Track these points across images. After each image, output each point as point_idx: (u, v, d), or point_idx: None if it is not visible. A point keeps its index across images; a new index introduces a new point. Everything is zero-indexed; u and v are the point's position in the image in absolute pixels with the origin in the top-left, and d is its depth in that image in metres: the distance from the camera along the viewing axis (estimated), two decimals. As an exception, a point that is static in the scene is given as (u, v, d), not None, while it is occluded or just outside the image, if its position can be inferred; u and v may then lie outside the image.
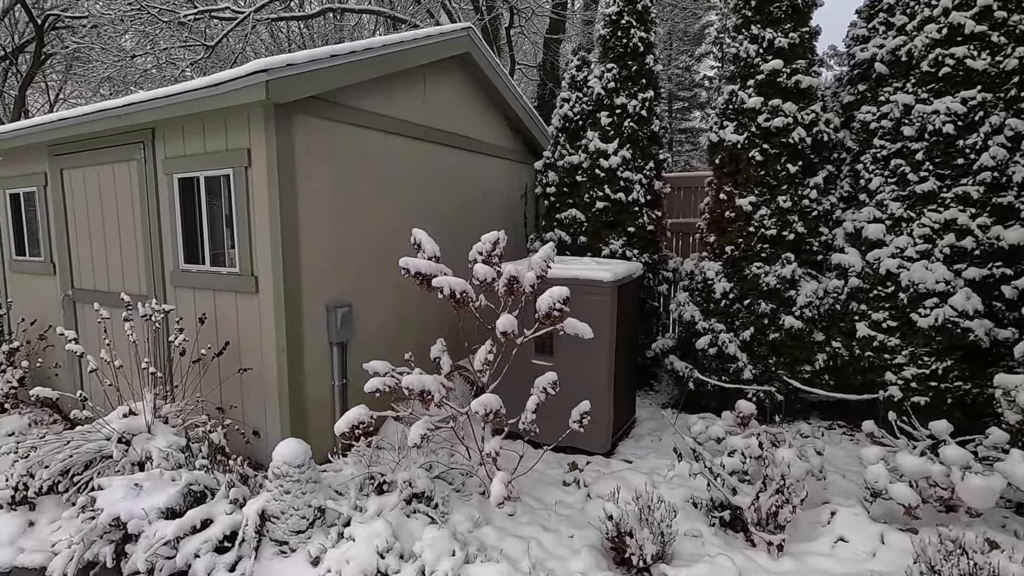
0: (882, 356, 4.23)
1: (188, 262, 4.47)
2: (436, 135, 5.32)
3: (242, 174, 4.00)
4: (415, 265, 3.29)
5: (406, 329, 5.13)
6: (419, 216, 5.16)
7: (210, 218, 4.34)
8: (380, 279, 4.77)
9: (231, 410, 4.32)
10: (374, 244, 4.68)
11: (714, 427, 3.90)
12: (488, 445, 3.11)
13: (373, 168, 4.63)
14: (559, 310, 3.09)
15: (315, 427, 4.25)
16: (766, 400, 4.82)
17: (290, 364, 4.00)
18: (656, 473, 3.86)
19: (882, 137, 4.36)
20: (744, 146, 4.72)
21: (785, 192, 4.62)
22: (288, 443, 3.10)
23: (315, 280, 4.16)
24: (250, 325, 4.17)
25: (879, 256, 4.21)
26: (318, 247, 4.17)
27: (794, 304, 4.63)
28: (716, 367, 4.92)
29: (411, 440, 3.03)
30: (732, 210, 4.84)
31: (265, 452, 4.24)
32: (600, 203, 5.62)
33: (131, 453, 3.61)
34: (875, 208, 4.34)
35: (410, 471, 3.33)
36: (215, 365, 4.33)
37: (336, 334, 4.29)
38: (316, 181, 4.13)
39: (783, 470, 3.10)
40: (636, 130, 5.59)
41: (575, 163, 5.82)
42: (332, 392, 4.40)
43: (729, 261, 4.90)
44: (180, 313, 4.48)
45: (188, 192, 4.41)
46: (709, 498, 3.34)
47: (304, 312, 4.09)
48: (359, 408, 3.17)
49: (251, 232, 4.04)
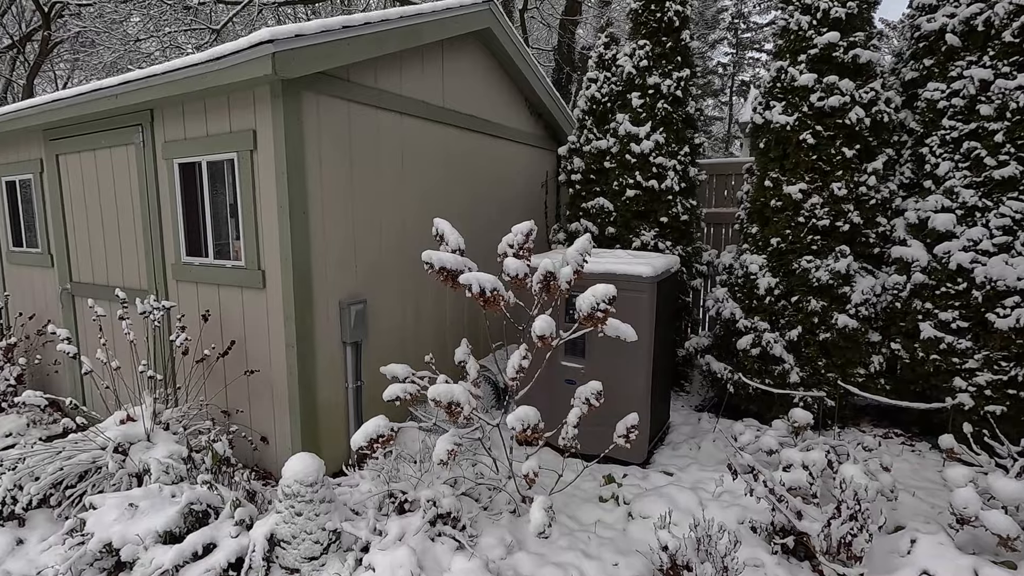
0: (950, 360, 3.83)
1: (190, 254, 4.14)
2: (453, 117, 4.95)
3: (247, 158, 3.65)
4: (440, 260, 2.93)
5: (422, 327, 4.79)
6: (436, 205, 4.80)
7: (213, 207, 4.00)
8: (395, 273, 4.42)
9: (237, 415, 4.01)
10: (388, 236, 4.33)
11: (766, 438, 3.54)
12: (526, 465, 2.76)
13: (387, 152, 4.27)
14: (603, 310, 2.73)
15: (327, 433, 3.93)
16: (814, 406, 4.44)
17: (301, 365, 3.67)
18: (701, 488, 3.50)
19: (952, 117, 3.93)
20: (794, 128, 4.30)
21: (840, 178, 4.21)
22: (300, 459, 2.77)
23: (327, 275, 3.82)
24: (257, 323, 3.84)
25: (949, 249, 3.80)
26: (330, 239, 3.82)
27: (848, 301, 4.23)
28: (759, 369, 4.54)
29: (437, 456, 2.69)
30: (779, 198, 4.43)
31: (273, 459, 3.93)
32: (631, 191, 5.23)
33: (128, 463, 3.30)
34: (943, 196, 3.92)
35: (434, 488, 2.99)
36: (219, 366, 4.02)
37: (350, 333, 3.95)
38: (327, 166, 3.77)
39: (859, 492, 2.73)
40: (670, 112, 5.17)
41: (603, 148, 5.42)
42: (345, 395, 4.07)
43: (775, 254, 4.50)
44: (182, 309, 4.16)
45: (190, 178, 4.07)
46: (770, 521, 2.98)
47: (315, 309, 3.76)
48: (378, 420, 2.83)
49: (257, 222, 3.70)
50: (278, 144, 3.48)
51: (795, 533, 2.90)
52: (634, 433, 2.84)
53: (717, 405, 4.94)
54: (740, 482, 3.52)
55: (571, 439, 2.83)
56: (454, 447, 2.72)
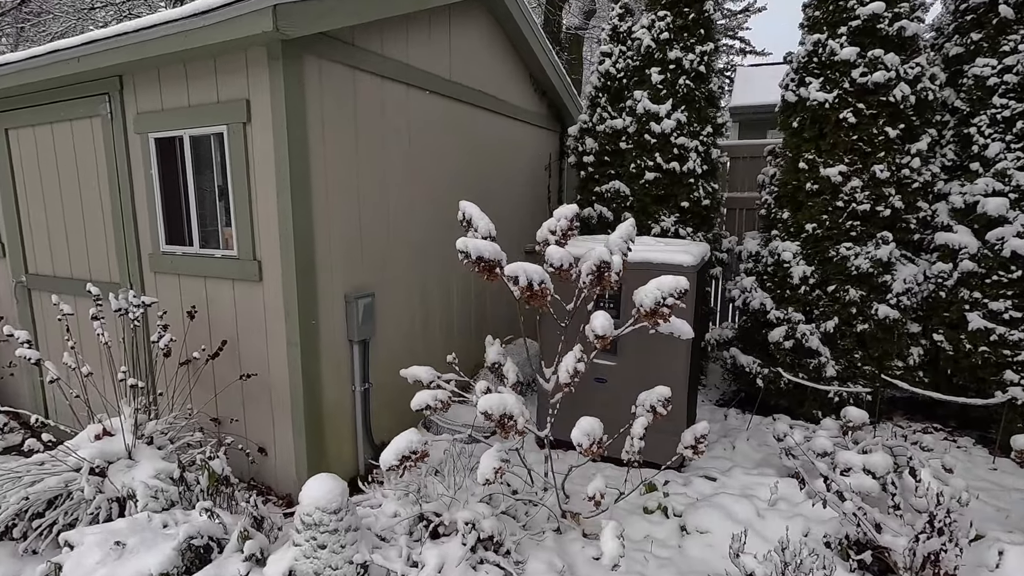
0: (1000, 352, 3.65)
1: (171, 243, 3.63)
2: (461, 92, 4.51)
3: (240, 132, 3.17)
4: (477, 248, 2.54)
5: (431, 321, 4.39)
6: (444, 188, 4.39)
7: (198, 188, 3.50)
8: (404, 262, 4.00)
9: (231, 424, 3.55)
10: (397, 220, 3.90)
11: (820, 439, 3.28)
12: (592, 486, 2.42)
13: (394, 128, 3.82)
14: (671, 305, 2.39)
15: (334, 442, 3.52)
16: (849, 400, 4.23)
17: (304, 367, 3.24)
18: (752, 495, 3.23)
19: (1004, 95, 3.71)
20: (833, 106, 4.02)
21: (882, 160, 3.96)
22: (320, 482, 2.36)
23: (332, 265, 3.38)
24: (252, 320, 3.38)
25: (1003, 235, 3.59)
26: (334, 225, 3.38)
27: (889, 291, 4.01)
28: (791, 363, 4.30)
29: (482, 475, 2.32)
30: (815, 181, 4.16)
31: (273, 473, 3.51)
32: (650, 174, 4.90)
33: (108, 487, 2.83)
34: (994, 179, 3.70)
35: (471, 507, 2.63)
36: (208, 369, 3.55)
37: (358, 330, 3.53)
38: (331, 142, 3.32)
39: (947, 502, 2.49)
40: (692, 89, 4.84)
41: (619, 128, 5.07)
42: (353, 399, 3.66)
43: (809, 241, 4.24)
44: (163, 305, 3.66)
45: (169, 155, 3.55)
46: (844, 535, 2.71)
47: (320, 304, 3.32)
48: (410, 434, 2.44)
49: (252, 206, 3.23)
50: (277, 115, 3.01)
51: (872, 547, 2.65)
52: (703, 443, 2.53)
53: (744, 401, 4.70)
54: (794, 488, 3.27)
55: (636, 452, 2.50)
56: (501, 464, 2.35)
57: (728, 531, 2.85)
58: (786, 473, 3.62)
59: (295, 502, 3.43)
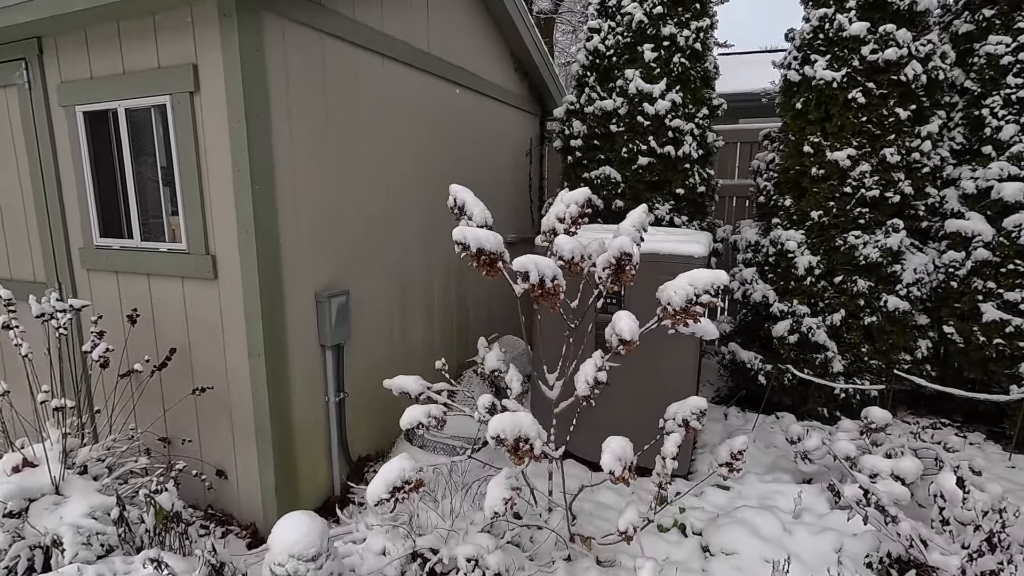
0: (1015, 344, 3.49)
1: (107, 235, 3.11)
2: (439, 67, 4.09)
3: (186, 103, 2.68)
4: (477, 239, 2.16)
5: (409, 321, 3.98)
6: (422, 171, 3.97)
7: (138, 171, 2.99)
8: (380, 256, 3.58)
9: (184, 445, 3.07)
10: (371, 207, 3.47)
11: (842, 443, 3.04)
12: (624, 519, 2.08)
13: (368, 104, 3.38)
14: (705, 303, 2.07)
15: (306, 461, 3.09)
16: (855, 396, 4.04)
17: (269, 378, 2.80)
18: (773, 506, 2.97)
19: (1019, 74, 3.53)
20: (841, 85, 3.77)
21: (892, 143, 3.74)
22: (294, 522, 1.95)
23: (300, 259, 2.94)
24: (207, 325, 2.91)
25: (1020, 222, 3.42)
26: (303, 213, 2.93)
27: (898, 281, 3.81)
28: (796, 358, 4.08)
29: (490, 507, 1.95)
30: (821, 166, 3.92)
31: (235, 499, 3.06)
32: (643, 159, 4.58)
33: (28, 532, 2.34)
34: (1009, 163, 3.53)
35: (472, 539, 2.27)
36: (155, 383, 3.06)
37: (331, 333, 3.10)
38: (298, 117, 2.86)
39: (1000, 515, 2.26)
40: (687, 68, 4.54)
41: (609, 109, 4.72)
42: (326, 412, 3.23)
43: (814, 229, 4.01)
44: (98, 308, 3.14)
45: (101, 132, 3.02)
46: (887, 553, 2.47)
47: (287, 304, 2.88)
48: (401, 460, 2.05)
49: (204, 191, 2.75)
50: (232, 83, 2.54)
51: (915, 566, 2.41)
52: (741, 460, 2.22)
53: (744, 399, 4.46)
54: (815, 496, 3.03)
55: (668, 474, 2.17)
56: (512, 493, 1.99)
57: (756, 551, 2.57)
58: (801, 479, 3.39)
59: (261, 533, 3.00)
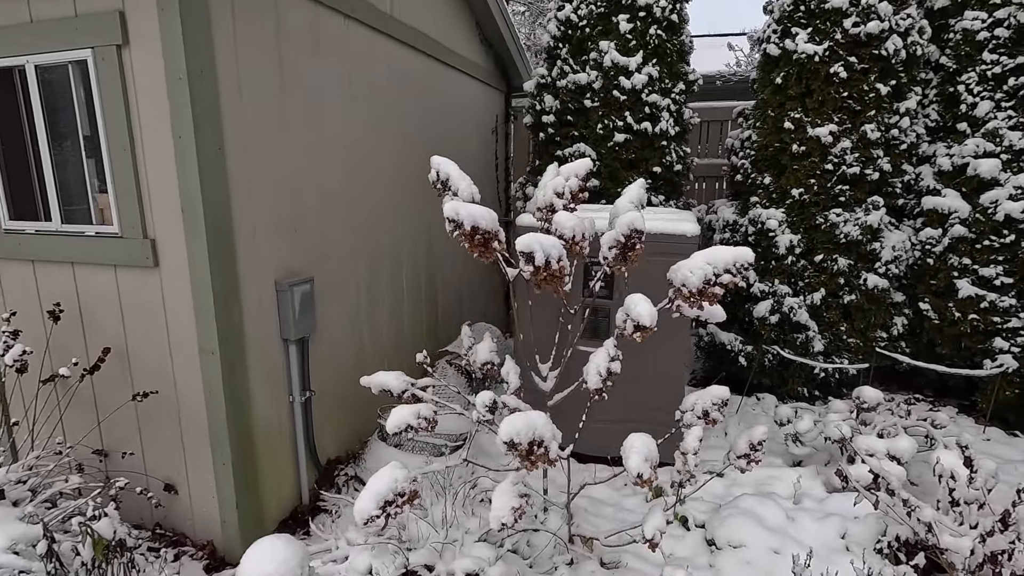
0: (989, 319, 3.54)
1: (18, 218, 2.65)
2: (404, 32, 3.74)
3: (112, 59, 2.26)
4: (471, 215, 1.90)
5: (377, 308, 3.67)
6: (388, 147, 3.64)
7: (56, 140, 2.53)
8: (344, 238, 3.25)
9: (125, 459, 2.67)
10: (333, 184, 3.12)
11: (835, 424, 2.98)
12: (651, 525, 1.88)
13: (329, 70, 3.02)
14: (725, 284, 1.89)
15: (269, 469, 2.77)
16: (834, 375, 4.04)
17: (226, 376, 2.45)
18: (770, 491, 2.88)
19: (995, 50, 3.54)
20: (823, 59, 3.69)
21: (872, 119, 3.70)
22: (269, 550, 1.66)
23: (257, 243, 2.58)
24: (147, 320, 2.51)
25: (996, 198, 3.44)
26: (257, 187, 2.57)
27: (878, 259, 3.81)
28: (776, 338, 4.03)
29: (497, 516, 1.72)
30: (802, 143, 3.84)
31: (187, 515, 2.70)
32: (619, 135, 4.40)
33: (-70, 575, 1.93)
34: (985, 139, 3.55)
35: (468, 551, 2.03)
36: (87, 388, 2.64)
37: (294, 325, 2.77)
38: (249, 78, 2.48)
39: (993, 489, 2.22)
40: (664, 40, 4.37)
41: (583, 83, 4.50)
42: (291, 413, 2.90)
43: (795, 207, 3.94)
44: (11, 304, 2.68)
45: (6, 94, 2.54)
46: (895, 536, 2.40)
47: (244, 294, 2.53)
48: (392, 470, 1.78)
49: (139, 164, 2.35)
50: (170, 33, 2.14)
51: (924, 548, 2.36)
52: (761, 452, 2.08)
53: (724, 381, 4.39)
54: (816, 481, 2.96)
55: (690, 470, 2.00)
56: (521, 502, 1.76)
57: (763, 542, 2.47)
58: (792, 461, 3.34)
59: (220, 552, 2.66)
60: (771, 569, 2.35)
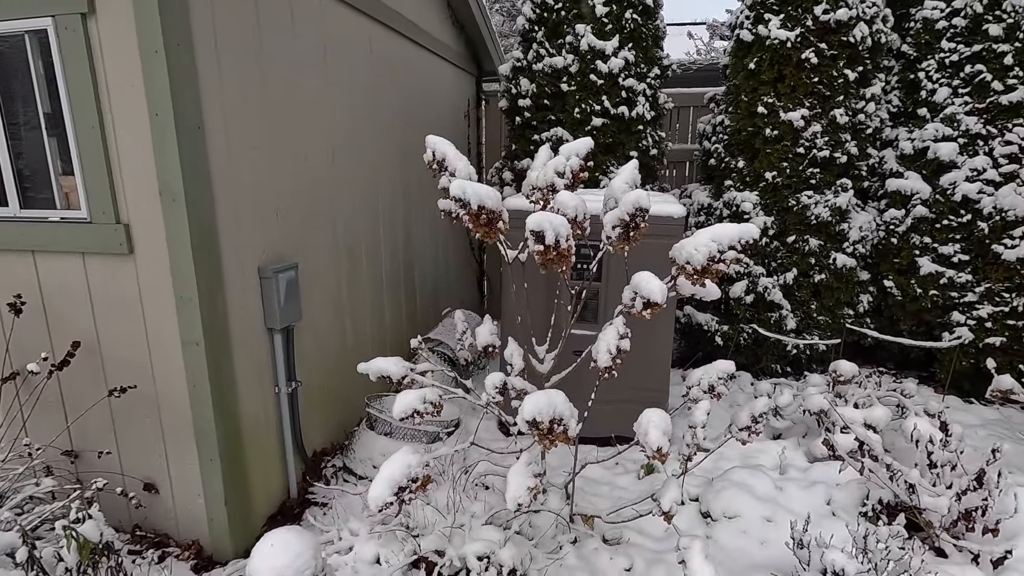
0: (948, 294, 3.75)
1: (-31, 202, 2.43)
2: (380, 11, 3.62)
3: (78, 29, 2.09)
4: (479, 195, 1.86)
5: (357, 294, 3.58)
6: (366, 129, 3.55)
7: (11, 117, 2.33)
8: (327, 222, 3.16)
9: (101, 459, 2.52)
10: (316, 169, 3.01)
11: (815, 398, 3.11)
12: (667, 499, 1.89)
13: (307, 48, 2.90)
14: (729, 261, 1.93)
15: (258, 463, 2.67)
16: (806, 351, 4.21)
17: (212, 368, 2.33)
18: (756, 464, 2.98)
19: (953, 39, 3.72)
20: (795, 45, 3.79)
21: (841, 104, 3.84)
22: (280, 544, 1.60)
23: (239, 227, 2.46)
24: (122, 312, 2.36)
25: (955, 180, 3.64)
26: (239, 168, 2.45)
27: (846, 239, 3.97)
28: (751, 317, 4.16)
29: (514, 497, 1.71)
30: (775, 127, 3.95)
31: (171, 515, 2.58)
32: (597, 119, 4.41)
33: None
34: (943, 124, 3.73)
35: (477, 534, 2.02)
36: (54, 386, 2.47)
37: (280, 314, 2.66)
38: (227, 52, 2.35)
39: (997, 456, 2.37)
40: (640, 24, 4.39)
41: (559, 66, 4.48)
42: (277, 405, 2.80)
43: (768, 190, 4.06)
44: (-36, 297, 2.46)
45: (-49, 66, 2.31)
46: (878, 500, 2.53)
47: (227, 282, 2.41)
48: (406, 455, 1.74)
49: (109, 144, 2.19)
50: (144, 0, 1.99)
51: (904, 509, 2.49)
52: (761, 424, 2.14)
53: (701, 360, 4.51)
54: (798, 452, 3.09)
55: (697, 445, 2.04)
56: (535, 481, 1.76)
57: (756, 512, 2.55)
58: (772, 434, 3.46)
59: (207, 551, 2.55)
60: (765, 536, 2.44)
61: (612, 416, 3.23)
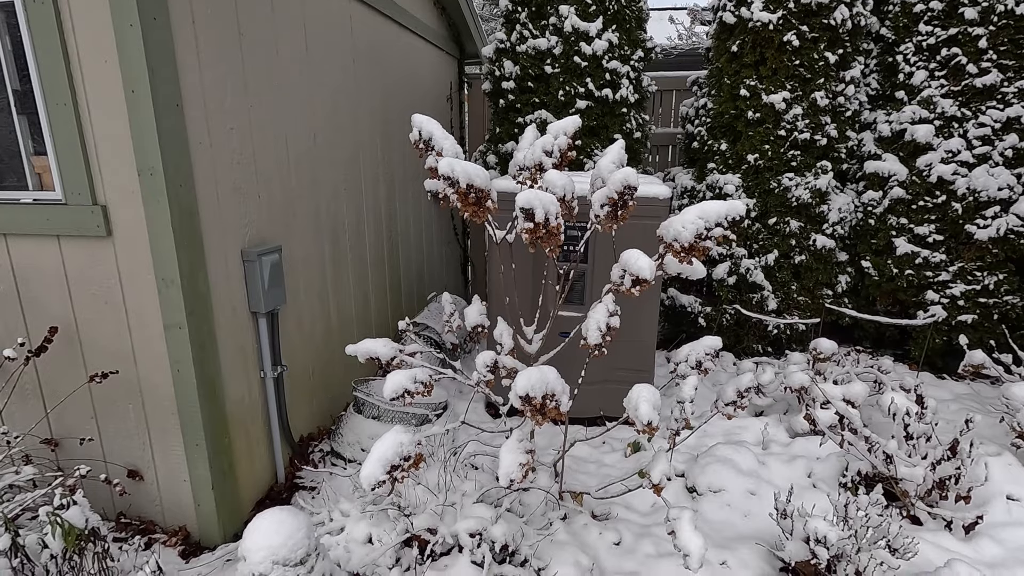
0: (923, 274, 3.85)
1: (-65, 183, 2.33)
2: (362, -12, 3.55)
3: (46, 1, 2.00)
4: (467, 173, 1.85)
5: (341, 276, 3.54)
6: (347, 111, 3.49)
7: (-24, 93, 2.23)
8: (309, 203, 3.11)
9: (82, 446, 2.47)
10: (297, 150, 2.96)
11: (797, 375, 3.18)
12: (656, 471, 1.92)
13: (287, 26, 2.83)
14: (716, 237, 1.95)
15: (244, 448, 2.65)
16: (786, 332, 4.30)
17: (196, 352, 2.30)
18: (739, 440, 3.05)
19: (930, 22, 3.77)
20: (778, 27, 3.82)
21: (821, 87, 3.88)
22: (273, 522, 1.59)
23: (221, 208, 2.42)
24: (100, 295, 2.31)
25: (931, 162, 3.72)
26: (219, 147, 2.39)
27: (825, 221, 4.04)
28: (733, 298, 4.23)
29: (506, 473, 1.73)
30: (757, 109, 3.99)
31: (156, 502, 2.55)
32: (581, 102, 4.39)
33: None
34: (920, 106, 3.80)
35: (469, 512, 2.04)
36: (31, 373, 2.40)
37: (264, 297, 2.62)
38: (205, 28, 2.29)
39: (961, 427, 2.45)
40: (623, 6, 4.37)
41: (543, 48, 4.44)
42: (263, 389, 2.77)
43: (750, 172, 4.10)
44: (-67, 282, 2.38)
45: (-90, 39, 2.21)
46: (857, 471, 2.61)
47: (210, 264, 2.36)
48: (397, 434, 1.74)
49: (83, 121, 2.12)
50: (117, -29, 1.92)
51: (882, 479, 2.57)
52: (747, 400, 2.18)
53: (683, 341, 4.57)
54: (779, 428, 3.16)
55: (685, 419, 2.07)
56: (527, 458, 1.77)
57: (740, 486, 2.62)
58: (755, 412, 3.54)
59: (194, 537, 2.53)
60: (749, 509, 2.50)
61: (598, 396, 3.27)
